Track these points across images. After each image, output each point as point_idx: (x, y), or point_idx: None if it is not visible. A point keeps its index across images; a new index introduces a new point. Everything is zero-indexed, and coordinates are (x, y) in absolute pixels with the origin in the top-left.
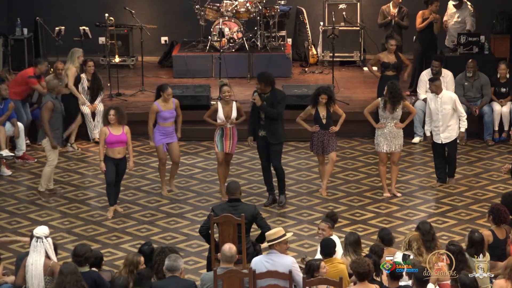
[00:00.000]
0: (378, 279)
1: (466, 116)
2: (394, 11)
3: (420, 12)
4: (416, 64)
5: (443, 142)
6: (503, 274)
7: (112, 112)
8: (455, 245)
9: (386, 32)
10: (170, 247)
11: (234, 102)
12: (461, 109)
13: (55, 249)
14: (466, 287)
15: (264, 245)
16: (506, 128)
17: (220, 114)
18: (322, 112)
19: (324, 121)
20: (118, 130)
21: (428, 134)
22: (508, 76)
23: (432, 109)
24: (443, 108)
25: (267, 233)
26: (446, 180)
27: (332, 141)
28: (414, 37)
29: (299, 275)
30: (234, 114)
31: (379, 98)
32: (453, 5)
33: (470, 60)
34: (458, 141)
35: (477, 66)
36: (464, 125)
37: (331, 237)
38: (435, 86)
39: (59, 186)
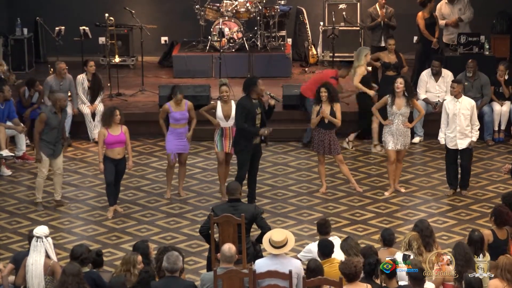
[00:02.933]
0: (378, 281)
1: (479, 127)
2: (382, 12)
3: (420, 13)
4: (417, 65)
5: (459, 148)
6: (496, 274)
7: (117, 112)
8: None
9: (374, 34)
10: (174, 247)
11: (233, 102)
12: (476, 117)
13: None
14: (471, 287)
15: (268, 249)
16: (503, 127)
17: (219, 113)
18: (326, 111)
19: (326, 120)
20: (117, 130)
21: (442, 142)
22: (507, 76)
23: (449, 113)
24: (461, 113)
25: (272, 239)
26: (457, 188)
27: (334, 143)
28: (416, 37)
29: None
30: (233, 113)
31: (388, 95)
32: (446, 2)
33: (470, 60)
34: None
35: (477, 66)
36: (476, 135)
37: (330, 238)
38: (459, 88)
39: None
